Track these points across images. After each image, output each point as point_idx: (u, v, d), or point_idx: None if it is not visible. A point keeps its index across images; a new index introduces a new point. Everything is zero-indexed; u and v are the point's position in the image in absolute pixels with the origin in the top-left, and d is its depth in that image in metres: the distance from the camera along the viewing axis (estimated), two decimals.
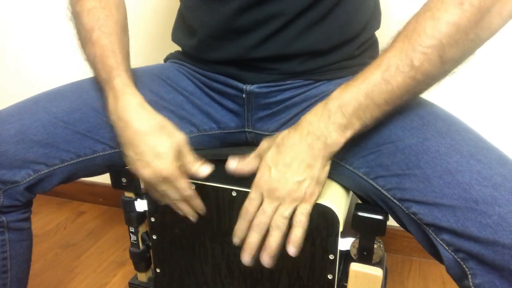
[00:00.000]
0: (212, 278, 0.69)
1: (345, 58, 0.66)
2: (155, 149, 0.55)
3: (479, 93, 0.99)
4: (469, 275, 0.47)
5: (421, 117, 0.54)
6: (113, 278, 1.12)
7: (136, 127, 0.56)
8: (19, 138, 0.60)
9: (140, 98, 0.59)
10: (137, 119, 0.56)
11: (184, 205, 0.61)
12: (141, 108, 0.58)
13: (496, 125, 1.00)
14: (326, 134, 0.51)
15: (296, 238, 0.54)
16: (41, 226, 1.36)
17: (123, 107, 0.57)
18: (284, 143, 0.53)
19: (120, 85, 0.58)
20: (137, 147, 0.55)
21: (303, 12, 0.61)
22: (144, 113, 0.57)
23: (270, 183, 0.53)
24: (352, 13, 0.64)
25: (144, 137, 0.55)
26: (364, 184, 0.57)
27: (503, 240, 0.44)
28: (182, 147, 0.57)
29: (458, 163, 0.49)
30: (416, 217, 0.51)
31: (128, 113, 0.57)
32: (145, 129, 0.56)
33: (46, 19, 1.30)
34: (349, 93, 0.50)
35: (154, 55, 0.82)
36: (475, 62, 0.96)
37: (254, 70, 0.66)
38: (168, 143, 0.55)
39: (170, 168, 0.55)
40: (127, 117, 0.57)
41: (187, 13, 0.71)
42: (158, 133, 0.56)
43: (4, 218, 0.63)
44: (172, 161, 0.55)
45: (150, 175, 0.55)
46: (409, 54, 0.46)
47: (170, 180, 0.56)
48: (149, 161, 0.55)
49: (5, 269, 0.66)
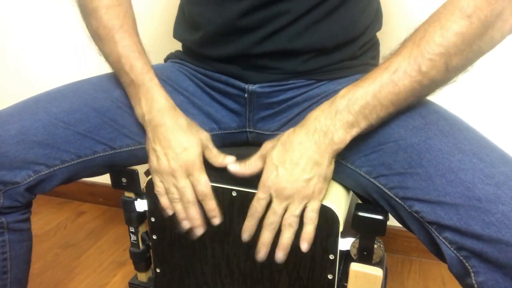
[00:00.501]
0: (212, 278, 0.69)
1: (347, 58, 0.66)
2: (184, 144, 0.59)
3: (480, 93, 0.99)
4: (472, 273, 0.47)
5: (423, 116, 0.55)
6: (113, 278, 1.11)
7: (168, 125, 0.60)
8: (19, 139, 0.60)
9: (171, 101, 0.63)
10: (169, 119, 0.61)
11: (194, 210, 0.60)
12: (172, 109, 0.62)
13: (498, 124, 1.00)
14: (333, 130, 0.52)
15: (308, 235, 0.56)
16: (41, 226, 1.36)
17: (158, 109, 0.61)
18: (290, 141, 0.54)
19: (155, 89, 0.62)
20: (169, 141, 0.59)
21: (310, 10, 0.61)
22: (174, 114, 0.61)
23: (278, 182, 0.54)
24: (357, 13, 0.65)
25: (175, 133, 0.60)
26: (366, 183, 0.57)
27: (506, 238, 0.44)
28: (207, 143, 0.62)
29: (461, 162, 0.49)
30: (418, 215, 0.51)
31: (163, 114, 0.61)
32: (176, 127, 0.60)
33: (46, 19, 1.30)
34: (357, 92, 0.51)
35: (154, 55, 0.81)
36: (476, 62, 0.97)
37: (257, 70, 0.66)
38: (195, 138, 0.60)
39: (196, 160, 0.59)
40: (162, 118, 0.61)
41: (192, 8, 0.70)
42: (187, 130, 0.60)
43: (4, 219, 0.63)
44: (198, 154, 0.59)
45: (176, 166, 0.59)
46: (418, 60, 0.48)
47: (194, 170, 0.59)
48: (178, 153, 0.59)
49: (5, 270, 0.66)
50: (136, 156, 0.68)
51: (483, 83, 0.98)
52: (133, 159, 0.69)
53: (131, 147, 0.67)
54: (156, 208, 0.65)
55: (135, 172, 0.71)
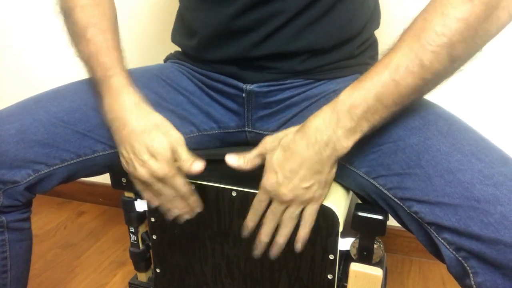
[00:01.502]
0: (212, 278, 0.69)
1: (345, 57, 0.66)
2: (150, 148, 0.54)
3: (479, 93, 0.99)
4: (470, 273, 0.47)
5: (422, 116, 0.54)
6: (113, 278, 1.11)
7: (131, 126, 0.56)
8: (19, 138, 0.60)
9: (137, 97, 0.58)
10: (133, 118, 0.56)
11: (180, 201, 0.59)
12: (138, 107, 0.57)
13: (497, 124, 1.00)
14: (335, 140, 0.50)
15: (303, 235, 0.57)
16: (41, 226, 1.36)
17: (119, 107, 0.57)
18: (290, 149, 0.52)
19: (117, 85, 0.58)
20: (132, 146, 0.55)
21: (304, 10, 0.61)
22: (140, 112, 0.57)
23: (278, 188, 0.53)
24: (352, 12, 0.64)
25: (139, 135, 0.55)
26: (365, 183, 0.57)
27: (505, 239, 0.44)
28: (178, 145, 0.56)
29: (460, 162, 0.49)
30: (417, 216, 0.51)
31: (125, 112, 0.57)
32: (141, 128, 0.55)
33: (46, 19, 1.30)
34: (358, 95, 0.48)
35: (154, 56, 0.82)
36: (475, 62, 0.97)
37: (254, 69, 0.66)
38: (164, 141, 0.55)
39: (165, 167, 0.54)
40: (124, 117, 0.56)
41: (187, 14, 0.71)
42: (154, 131, 0.55)
43: (4, 218, 0.63)
44: (167, 159, 0.55)
45: (145, 174, 0.55)
46: (419, 54, 0.45)
47: (166, 178, 0.55)
48: (144, 160, 0.54)
49: (5, 269, 0.66)
50: None
51: (483, 83, 0.98)
52: None
53: None
54: (156, 208, 0.65)
55: None
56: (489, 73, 0.97)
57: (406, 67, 0.46)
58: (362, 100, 0.48)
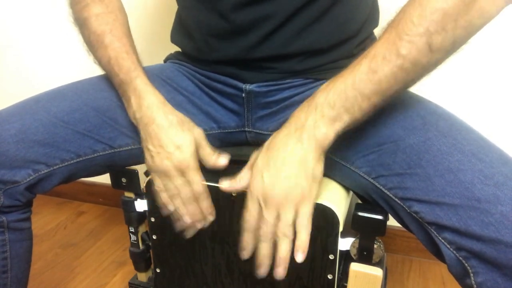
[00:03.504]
0: (212, 278, 0.69)
1: (344, 57, 0.66)
2: (176, 142, 0.57)
3: (479, 93, 0.99)
4: (471, 273, 0.47)
5: (422, 116, 0.54)
6: (113, 278, 1.11)
7: (159, 122, 0.59)
8: (19, 138, 0.60)
9: (161, 97, 0.61)
10: (160, 115, 0.59)
11: (194, 206, 0.60)
12: (164, 105, 0.61)
13: (497, 124, 1.00)
14: (313, 126, 0.50)
15: (302, 243, 0.52)
16: (41, 226, 1.36)
17: (147, 106, 0.60)
18: (273, 144, 0.52)
19: (142, 86, 0.61)
20: (159, 140, 0.58)
21: (299, 10, 0.61)
22: (166, 110, 0.60)
23: (264, 189, 0.51)
24: (350, 11, 0.64)
25: (167, 130, 0.58)
26: (365, 183, 0.57)
27: (506, 238, 0.44)
28: (200, 140, 0.60)
29: (460, 162, 0.49)
30: (417, 216, 0.51)
31: (152, 110, 0.59)
32: (168, 123, 0.59)
33: (47, 19, 1.30)
34: (335, 85, 0.49)
35: (154, 56, 0.82)
36: (475, 62, 0.97)
37: (254, 70, 0.66)
38: (188, 136, 0.58)
39: (189, 159, 0.57)
40: (152, 114, 0.59)
41: (184, 14, 0.71)
42: (179, 127, 0.59)
43: (4, 218, 0.63)
44: (191, 152, 0.58)
45: (170, 166, 0.57)
46: (396, 43, 0.45)
47: (188, 170, 0.57)
48: (170, 152, 0.57)
49: (5, 269, 0.66)
50: (135, 155, 0.68)
51: (483, 83, 0.98)
52: (132, 159, 0.69)
53: (130, 147, 0.67)
54: (156, 208, 0.65)
55: (135, 172, 0.71)
56: (489, 73, 0.97)
57: (383, 55, 0.46)
58: (340, 89, 0.49)
